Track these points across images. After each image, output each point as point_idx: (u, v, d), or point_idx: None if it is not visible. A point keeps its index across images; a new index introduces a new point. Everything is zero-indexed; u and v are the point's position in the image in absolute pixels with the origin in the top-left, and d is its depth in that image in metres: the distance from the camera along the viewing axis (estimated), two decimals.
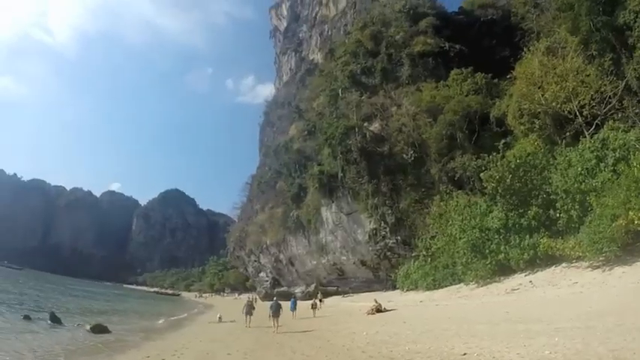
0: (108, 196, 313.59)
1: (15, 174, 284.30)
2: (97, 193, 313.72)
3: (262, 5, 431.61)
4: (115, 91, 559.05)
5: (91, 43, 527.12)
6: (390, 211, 39.32)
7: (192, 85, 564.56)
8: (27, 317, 24.84)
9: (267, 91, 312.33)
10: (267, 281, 64.04)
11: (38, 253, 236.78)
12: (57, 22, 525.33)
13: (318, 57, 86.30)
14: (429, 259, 31.34)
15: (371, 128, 44.92)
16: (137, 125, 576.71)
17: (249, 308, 26.30)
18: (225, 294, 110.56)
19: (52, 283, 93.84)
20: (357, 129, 44.01)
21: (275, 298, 26.43)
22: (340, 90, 53.84)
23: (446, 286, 28.03)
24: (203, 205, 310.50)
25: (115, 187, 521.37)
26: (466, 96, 37.33)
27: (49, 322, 24.44)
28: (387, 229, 39.53)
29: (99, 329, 23.23)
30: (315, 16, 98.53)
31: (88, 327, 23.62)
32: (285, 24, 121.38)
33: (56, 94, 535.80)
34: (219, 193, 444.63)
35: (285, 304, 27.81)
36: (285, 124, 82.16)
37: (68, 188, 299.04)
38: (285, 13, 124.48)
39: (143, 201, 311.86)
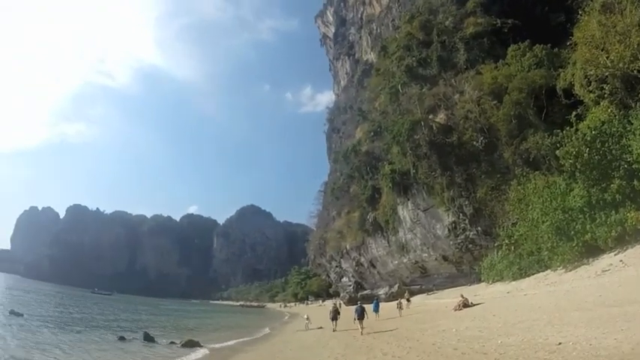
0: (187, 219, 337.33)
1: (98, 208, 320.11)
2: (177, 218, 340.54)
3: (307, 15, 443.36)
4: (178, 120, 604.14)
5: (150, 79, 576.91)
6: (467, 202, 39.19)
7: (254, 103, 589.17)
8: (122, 338, 26.86)
9: (326, 98, 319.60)
10: (350, 286, 65.36)
11: (125, 277, 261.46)
12: (116, 65, 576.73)
13: (371, 57, 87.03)
14: (513, 247, 30.66)
15: (436, 120, 44.96)
16: (205, 149, 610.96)
17: (335, 313, 27.92)
18: (309, 302, 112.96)
19: (141, 304, 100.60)
20: (422, 123, 44.26)
21: (359, 302, 27.92)
22: (399, 86, 54.27)
23: (532, 274, 27.53)
24: (280, 217, 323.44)
25: (192, 209, 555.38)
26: (528, 71, 36.33)
27: (143, 340, 26.54)
28: (467, 221, 39.39)
29: (191, 344, 25.35)
30: (362, 17, 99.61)
31: (179, 343, 25.87)
32: (333, 30, 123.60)
33: (125, 130, 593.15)
34: (295, 204, 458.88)
35: (369, 307, 29.08)
36: (350, 128, 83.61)
37: (149, 216, 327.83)
38: (331, 19, 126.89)
39: (221, 220, 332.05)
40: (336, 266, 69.89)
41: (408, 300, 37.06)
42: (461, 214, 39.84)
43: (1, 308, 38.07)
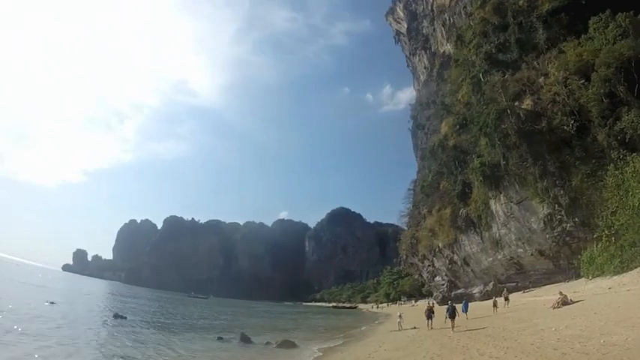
0: (279, 224, 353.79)
1: (192, 218, 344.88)
2: (269, 224, 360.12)
3: (377, 14, 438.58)
4: (261, 129, 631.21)
5: (230, 92, 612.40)
6: (562, 192, 37.53)
7: (335, 107, 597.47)
8: (220, 338, 29.03)
9: (407, 95, 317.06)
10: (443, 285, 64.63)
11: (220, 282, 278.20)
12: (197, 83, 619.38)
13: (448, 47, 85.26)
14: (613, 238, 29.04)
15: (523, 106, 43.47)
16: (292, 155, 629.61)
17: (430, 312, 29.12)
18: (402, 302, 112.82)
19: (236, 307, 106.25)
20: (508, 111, 42.98)
21: (450, 302, 28.41)
22: (481, 74, 53.01)
23: (635, 268, 26.09)
24: (370, 218, 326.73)
25: (283, 215, 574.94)
26: (614, 44, 34.30)
27: (240, 341, 28.37)
28: (562, 212, 37.75)
29: (286, 345, 26.95)
30: (432, 8, 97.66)
31: (275, 343, 27.51)
32: (405, 25, 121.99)
33: (212, 144, 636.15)
34: (385, 204, 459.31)
35: (459, 307, 29.32)
36: (435, 123, 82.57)
37: (242, 223, 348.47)
38: (401, 14, 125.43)
39: (312, 224, 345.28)
40: (429, 265, 69.46)
41: (507, 299, 36.24)
42: (556, 205, 38.23)
43: (106, 312, 41.71)
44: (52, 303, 39.16)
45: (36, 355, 15.95)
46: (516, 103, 44.46)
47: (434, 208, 67.31)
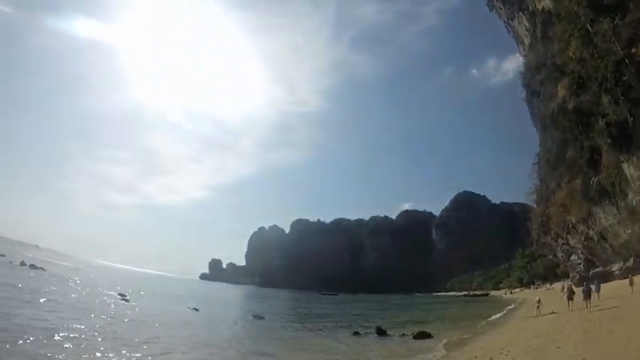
0: (403, 215, 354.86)
1: (318, 219, 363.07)
2: (393, 216, 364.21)
3: None
4: (369, 126, 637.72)
5: (333, 94, 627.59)
6: None
7: (441, 89, 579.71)
8: (356, 333, 30.00)
9: (513, 63, 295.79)
10: (579, 264, 59.70)
11: (349, 278, 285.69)
12: (303, 91, 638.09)
13: (546, 2, 78.20)
14: None
15: None
16: (406, 145, 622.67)
17: (570, 293, 28.95)
18: (536, 286, 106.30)
19: (367, 301, 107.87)
20: (626, 60, 39.06)
21: (585, 283, 27.67)
22: (588, 25, 48.36)
23: None
24: (496, 199, 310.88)
25: (406, 206, 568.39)
26: None
27: (376, 334, 29.27)
28: None
29: (421, 335, 27.30)
30: None
31: (411, 335, 27.97)
32: None
33: (323, 146, 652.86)
34: (510, 182, 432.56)
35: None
36: (550, 88, 76.30)
37: (366, 218, 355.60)
38: None
39: (437, 211, 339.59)
40: (563, 244, 64.74)
41: None
42: None
43: (245, 314, 44.68)
44: (195, 309, 42.15)
45: (184, 354, 18.06)
46: (633, 50, 39.91)
47: (562, 181, 63.15)
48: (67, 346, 15.45)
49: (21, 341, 14.94)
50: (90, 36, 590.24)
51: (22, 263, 60.41)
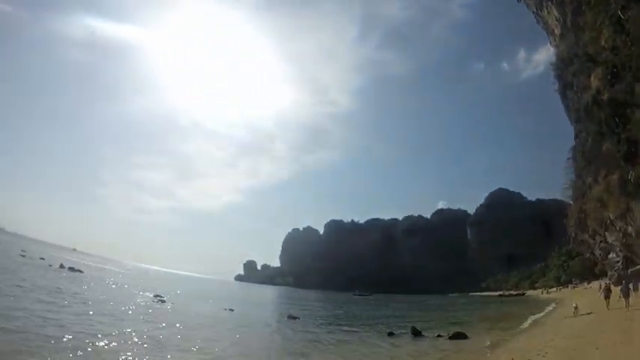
0: (438, 215, 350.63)
1: (352, 220, 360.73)
2: (427, 215, 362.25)
3: None
4: (401, 124, 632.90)
5: (365, 94, 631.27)
6: None
7: (472, 85, 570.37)
8: (391, 333, 29.61)
9: (544, 55, 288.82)
10: (618, 262, 57.93)
11: (383, 278, 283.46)
12: (334, 92, 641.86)
13: None
14: None
15: None
16: (439, 144, 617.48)
17: (607, 292, 28.82)
18: (573, 285, 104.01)
19: (401, 302, 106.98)
20: None
21: (624, 282, 26.97)
22: (619, 11, 46.70)
23: None
24: (531, 196, 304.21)
25: (441, 205, 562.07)
26: None
27: (411, 335, 28.99)
28: None
29: (457, 336, 26.90)
30: None
31: (446, 336, 27.49)
32: None
33: (358, 146, 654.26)
34: (545, 178, 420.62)
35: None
36: (583, 79, 74.26)
37: (400, 218, 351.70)
38: None
39: (471, 209, 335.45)
40: (601, 241, 62.89)
41: None
42: None
43: (280, 314, 44.78)
44: (231, 310, 42.50)
45: (218, 354, 18.31)
46: None
47: (599, 175, 61.47)
48: (106, 348, 15.84)
49: (65, 344, 15.42)
50: (121, 43, 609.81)
51: (61, 266, 62.02)
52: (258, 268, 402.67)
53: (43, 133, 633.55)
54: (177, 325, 25.73)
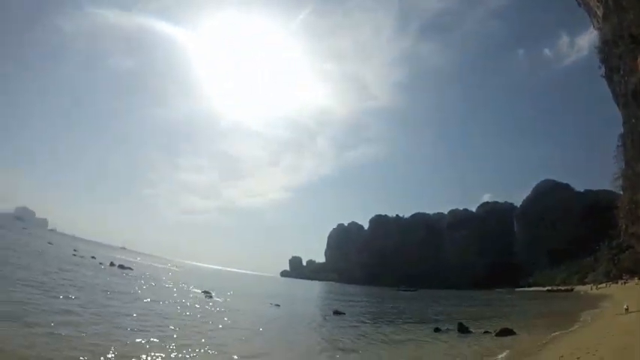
0: (483, 208, 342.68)
1: (397, 215, 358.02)
2: (473, 209, 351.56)
3: None
4: (441, 117, 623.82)
5: (404, 87, 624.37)
6: None
7: (513, 73, 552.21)
8: (437, 329, 29.28)
9: (586, 39, 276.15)
10: None
11: (428, 273, 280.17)
12: (374, 87, 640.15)
13: None
14: None
15: None
16: (481, 135, 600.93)
17: None
18: (624, 281, 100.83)
19: (447, 297, 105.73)
20: None
21: None
22: None
23: None
24: (579, 187, 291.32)
25: (486, 197, 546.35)
26: None
27: (457, 331, 28.56)
28: None
29: (504, 333, 26.50)
30: None
31: (494, 332, 27.11)
32: None
33: (399, 141, 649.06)
34: (593, 167, 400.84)
35: None
36: (628, 62, 70.60)
37: (446, 212, 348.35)
38: None
39: (518, 202, 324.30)
40: None
41: None
42: None
43: (326, 310, 44.40)
44: (277, 305, 43.16)
45: (265, 348, 18.70)
46: None
47: None
48: (156, 342, 16.36)
49: (123, 339, 16.11)
50: (166, 44, 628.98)
51: (111, 264, 64.60)
52: (304, 264, 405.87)
53: (91, 138, 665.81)
54: (225, 319, 26.56)
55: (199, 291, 46.14)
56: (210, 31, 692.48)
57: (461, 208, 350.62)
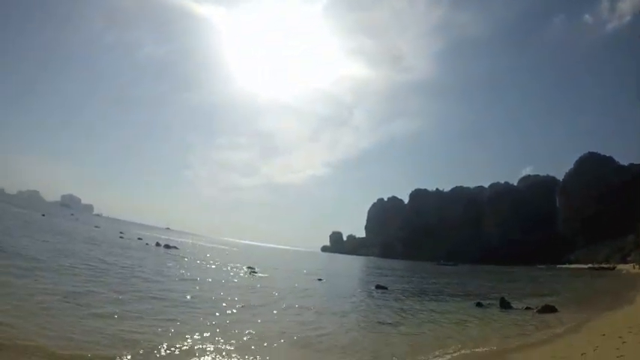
0: (524, 182, 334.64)
1: (437, 189, 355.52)
2: (514, 182, 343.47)
3: None
4: (480, 87, 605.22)
5: (441, 58, 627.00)
6: None
7: (553, 41, 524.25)
8: (479, 304, 29.15)
9: (628, 3, 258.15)
10: None
11: (468, 248, 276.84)
12: (410, 59, 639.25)
13: None
14: None
15: None
16: (520, 106, 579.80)
17: None
18: None
19: (487, 272, 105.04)
20: None
21: None
22: None
23: None
24: (623, 160, 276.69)
25: (528, 170, 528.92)
26: None
27: (499, 307, 28.38)
28: None
29: (546, 309, 26.33)
30: None
31: (536, 309, 26.94)
32: None
33: (438, 113, 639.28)
34: (637, 139, 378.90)
35: None
36: None
37: (486, 186, 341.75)
38: None
39: (560, 175, 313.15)
40: None
41: None
42: None
43: (368, 284, 44.47)
44: (320, 280, 43.88)
45: (310, 322, 18.95)
46: None
47: None
48: (206, 321, 16.35)
49: (175, 314, 16.63)
50: (200, 23, 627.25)
51: (157, 244, 66.62)
52: (344, 238, 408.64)
53: (131, 125, 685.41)
54: (274, 292, 27.24)
55: (244, 267, 47.17)
56: (242, 11, 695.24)
57: (502, 182, 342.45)
